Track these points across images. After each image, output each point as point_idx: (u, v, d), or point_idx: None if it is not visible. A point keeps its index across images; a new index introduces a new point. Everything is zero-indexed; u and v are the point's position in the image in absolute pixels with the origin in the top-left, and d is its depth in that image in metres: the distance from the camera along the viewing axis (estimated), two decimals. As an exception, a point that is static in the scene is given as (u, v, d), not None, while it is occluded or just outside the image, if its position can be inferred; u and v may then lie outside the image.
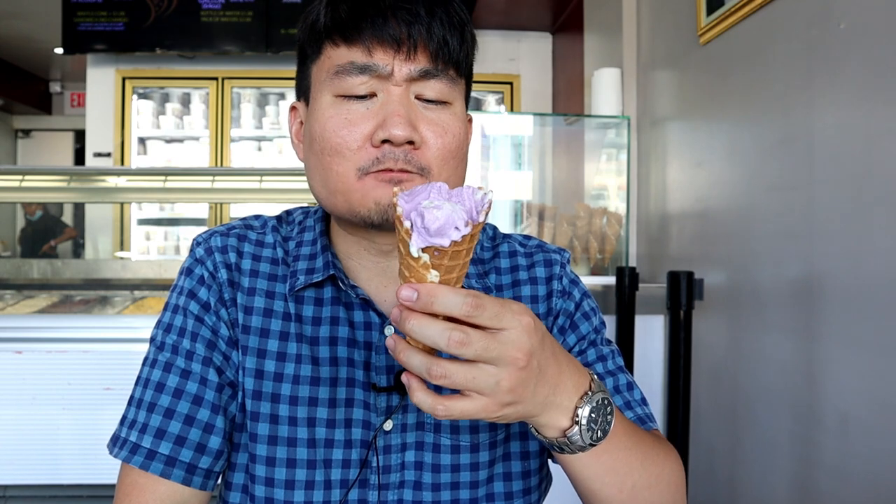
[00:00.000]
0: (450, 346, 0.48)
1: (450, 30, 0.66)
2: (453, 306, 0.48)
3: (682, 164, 1.89)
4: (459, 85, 0.69)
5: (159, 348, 0.70)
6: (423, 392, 0.51)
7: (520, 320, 0.50)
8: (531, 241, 0.82)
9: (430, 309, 0.48)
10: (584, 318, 0.77)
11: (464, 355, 0.48)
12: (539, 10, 3.66)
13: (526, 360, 0.50)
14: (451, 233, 0.48)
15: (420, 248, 0.49)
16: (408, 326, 0.48)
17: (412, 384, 0.51)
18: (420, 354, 0.50)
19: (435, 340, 0.48)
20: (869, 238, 1.14)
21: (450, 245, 0.48)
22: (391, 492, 0.68)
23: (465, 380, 0.49)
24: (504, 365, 0.49)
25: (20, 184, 2.29)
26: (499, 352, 0.49)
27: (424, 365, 0.49)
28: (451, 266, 0.50)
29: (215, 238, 0.73)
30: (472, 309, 0.48)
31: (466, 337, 0.48)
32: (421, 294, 0.48)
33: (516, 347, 0.50)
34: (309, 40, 0.69)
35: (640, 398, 0.75)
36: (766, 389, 1.44)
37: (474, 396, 0.50)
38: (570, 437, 0.56)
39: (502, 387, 0.50)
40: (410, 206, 0.50)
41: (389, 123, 0.63)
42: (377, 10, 0.64)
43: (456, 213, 0.49)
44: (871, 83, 1.13)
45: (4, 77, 6.42)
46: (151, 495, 0.65)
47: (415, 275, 0.50)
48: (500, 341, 0.49)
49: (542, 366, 0.52)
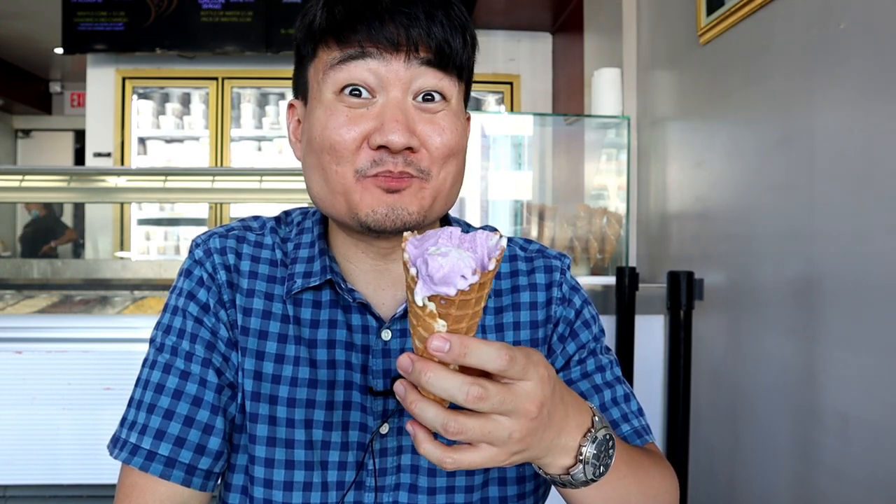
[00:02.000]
0: (468, 401, 0.46)
1: (451, 32, 0.65)
2: (487, 360, 0.46)
3: (682, 164, 1.89)
4: (459, 85, 0.69)
5: (158, 349, 0.70)
6: (430, 444, 0.49)
7: (537, 371, 0.49)
8: (532, 245, 0.81)
9: (463, 361, 0.46)
10: (585, 326, 0.77)
11: (480, 409, 0.47)
12: (539, 10, 3.66)
13: (538, 411, 0.49)
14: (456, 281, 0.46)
15: (425, 297, 0.46)
16: (424, 379, 0.46)
17: (418, 435, 0.50)
18: (434, 408, 0.47)
19: (452, 394, 0.46)
20: (869, 238, 1.14)
21: (456, 294, 0.46)
22: (387, 494, 0.68)
23: (481, 434, 0.48)
24: (517, 417, 0.49)
25: (20, 184, 2.29)
26: (514, 405, 0.48)
27: (440, 420, 0.47)
28: (460, 316, 0.47)
29: (214, 239, 0.73)
30: (507, 363, 0.47)
31: (485, 392, 0.46)
32: (454, 346, 0.46)
33: (530, 399, 0.49)
34: (305, 40, 0.68)
35: (637, 409, 0.75)
36: (766, 389, 1.43)
37: (483, 447, 0.49)
38: (574, 475, 0.56)
39: (513, 438, 0.49)
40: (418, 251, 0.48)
41: (388, 129, 0.62)
42: (374, 13, 0.63)
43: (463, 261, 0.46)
44: (872, 83, 1.13)
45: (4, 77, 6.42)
46: (151, 496, 0.65)
47: (422, 324, 0.47)
48: (516, 394, 0.48)
49: (550, 413, 0.52)
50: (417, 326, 0.48)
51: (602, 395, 0.74)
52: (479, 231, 0.50)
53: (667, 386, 1.79)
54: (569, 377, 0.75)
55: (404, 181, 0.64)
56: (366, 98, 0.65)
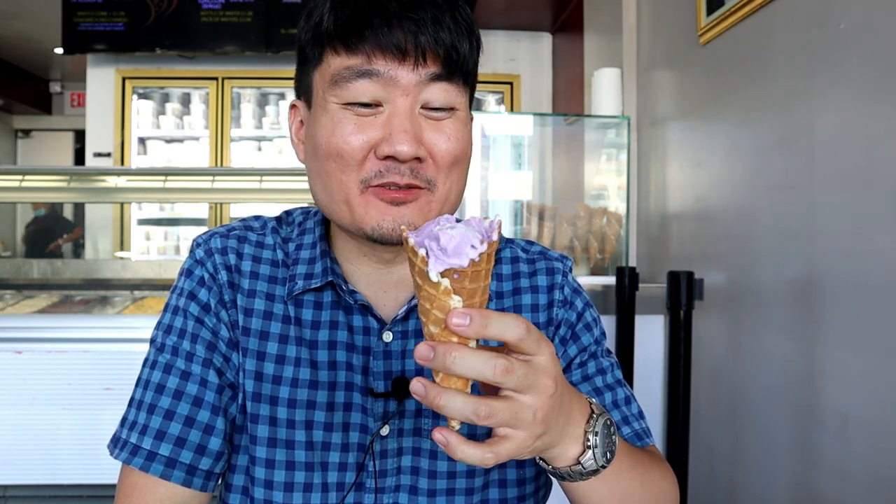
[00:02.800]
0: (496, 374, 0.46)
1: (458, 37, 0.64)
2: (507, 328, 0.46)
3: (682, 164, 1.89)
4: (465, 90, 0.68)
5: (159, 350, 0.70)
6: (466, 445, 0.47)
7: (549, 347, 0.50)
8: (534, 246, 0.81)
9: (485, 332, 0.46)
10: (586, 329, 0.77)
11: (506, 384, 0.47)
12: (539, 10, 3.66)
13: (555, 386, 0.49)
14: (468, 251, 0.47)
15: (439, 273, 0.47)
16: (450, 360, 0.46)
17: (451, 440, 0.47)
18: (461, 396, 0.46)
19: (480, 370, 0.46)
20: (869, 238, 1.14)
21: (469, 265, 0.47)
22: (387, 495, 0.68)
23: (510, 414, 0.47)
24: (538, 393, 0.48)
25: (20, 184, 2.29)
26: (534, 379, 0.48)
27: (470, 407, 0.46)
28: (473, 289, 0.48)
29: (215, 239, 0.73)
30: (525, 332, 0.47)
31: (510, 364, 0.46)
32: (474, 318, 0.46)
33: (547, 374, 0.49)
34: (310, 43, 0.66)
35: (638, 412, 0.76)
36: (766, 389, 1.43)
37: (510, 435, 0.48)
38: (584, 463, 0.56)
39: (538, 417, 0.49)
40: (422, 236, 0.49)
41: (395, 140, 0.61)
42: (382, 18, 0.61)
43: (470, 233, 0.47)
44: (871, 83, 1.13)
45: (4, 77, 6.42)
46: (152, 496, 0.65)
47: (437, 304, 0.47)
48: (535, 368, 0.48)
49: (562, 393, 0.52)
50: (432, 310, 0.48)
51: (603, 398, 0.74)
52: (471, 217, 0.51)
53: (667, 386, 1.79)
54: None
55: (411, 193, 0.64)
56: (373, 108, 0.64)
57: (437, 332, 0.48)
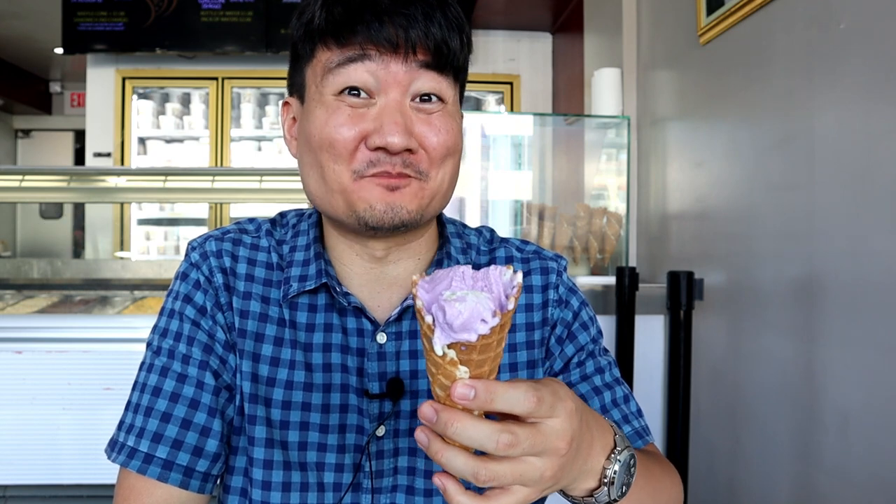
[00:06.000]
0: (499, 448, 0.45)
1: (448, 33, 0.65)
2: (515, 403, 0.45)
3: (682, 164, 1.89)
4: (455, 86, 0.69)
5: (156, 353, 0.70)
6: (463, 496, 0.47)
7: (565, 407, 0.48)
8: (528, 246, 0.81)
9: (490, 407, 0.45)
10: (583, 328, 0.77)
11: (511, 455, 0.46)
12: (539, 10, 3.66)
13: (567, 447, 0.48)
14: (477, 326, 0.44)
15: (444, 346, 0.44)
16: (451, 430, 0.45)
17: (448, 487, 0.48)
18: (463, 456, 0.46)
19: (482, 444, 0.45)
20: (869, 238, 1.13)
21: (477, 340, 0.44)
22: (384, 496, 0.68)
23: (513, 478, 0.47)
24: (548, 456, 0.48)
25: (20, 184, 2.29)
26: (544, 445, 0.47)
27: (470, 469, 0.46)
28: (482, 360, 0.46)
29: (210, 242, 0.73)
30: (535, 405, 0.46)
31: (515, 438, 0.45)
32: (479, 392, 0.45)
33: (560, 437, 0.48)
34: (303, 40, 0.67)
35: (637, 410, 0.76)
36: (766, 389, 1.43)
37: (516, 489, 0.48)
38: (597, 497, 0.55)
39: (545, 476, 0.48)
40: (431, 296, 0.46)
41: (386, 131, 0.62)
42: (373, 14, 0.63)
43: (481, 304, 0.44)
44: (871, 83, 1.13)
45: (4, 77, 6.42)
46: (149, 499, 0.65)
47: (442, 372, 0.46)
48: (545, 434, 0.47)
49: (580, 445, 0.51)
50: (437, 375, 0.46)
51: (602, 397, 0.74)
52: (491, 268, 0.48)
53: (667, 386, 1.79)
54: (568, 379, 0.75)
55: (403, 179, 0.65)
56: (365, 99, 0.65)
57: (442, 395, 0.47)
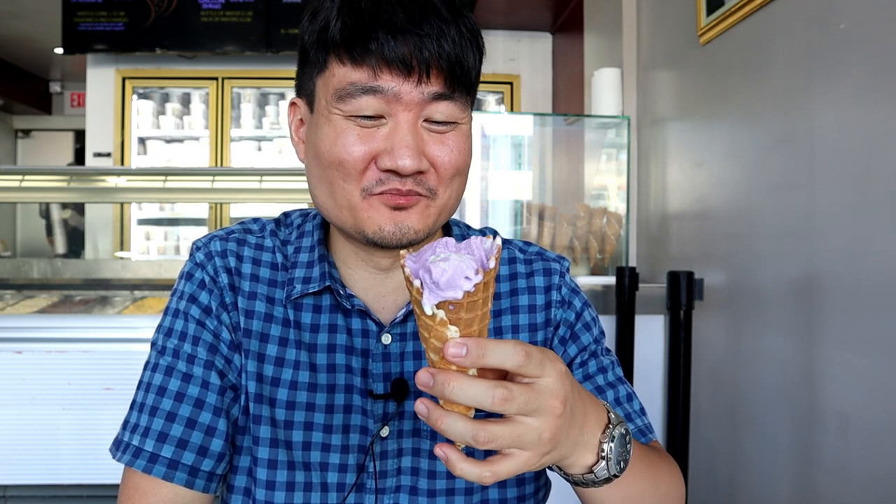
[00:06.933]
0: (495, 404, 0.46)
1: (462, 49, 0.64)
2: (505, 357, 0.47)
3: (682, 164, 1.89)
4: (468, 103, 0.68)
5: (160, 352, 0.70)
6: (465, 463, 0.48)
7: (555, 367, 0.49)
8: (531, 247, 0.81)
9: (482, 362, 0.46)
10: (585, 328, 0.77)
11: (507, 412, 0.47)
12: (539, 10, 3.66)
13: (562, 407, 0.49)
14: (461, 283, 0.47)
15: (433, 305, 0.47)
16: (448, 390, 0.46)
17: (451, 456, 0.49)
18: (462, 420, 0.47)
19: (479, 400, 0.46)
20: (869, 238, 1.14)
21: (463, 297, 0.47)
22: (387, 496, 0.69)
23: (512, 439, 0.48)
24: (543, 415, 0.49)
25: (20, 184, 2.29)
26: (538, 403, 0.48)
27: (470, 432, 0.47)
28: (470, 319, 0.48)
29: (215, 242, 0.73)
30: (524, 358, 0.47)
31: (510, 392, 0.47)
32: (470, 349, 0.46)
33: (553, 395, 0.49)
34: (314, 47, 0.66)
35: (640, 408, 0.76)
36: (766, 389, 1.44)
37: (515, 453, 0.49)
38: (597, 473, 0.56)
39: (543, 438, 0.49)
40: (417, 265, 0.49)
41: (398, 154, 0.62)
42: (387, 30, 0.61)
43: (464, 263, 0.47)
44: (871, 83, 1.13)
45: (4, 77, 6.42)
46: (154, 498, 0.65)
47: (434, 334, 0.48)
48: (539, 391, 0.48)
49: (573, 409, 0.52)
50: (430, 338, 0.48)
51: (605, 396, 0.74)
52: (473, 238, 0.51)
53: (667, 386, 1.79)
54: None
55: (412, 199, 0.64)
56: (375, 120, 0.64)
57: (436, 359, 0.49)
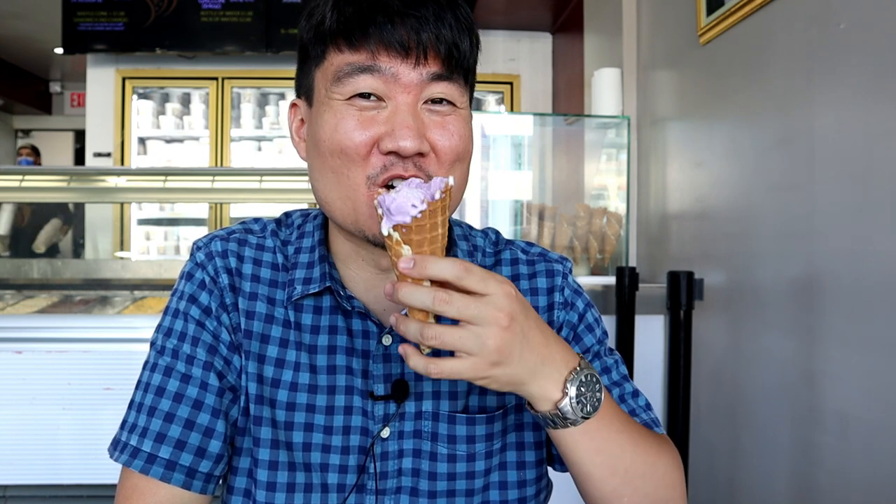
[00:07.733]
0: (435, 303, 0.54)
1: (459, 34, 0.65)
2: (444, 269, 0.55)
3: (682, 164, 1.89)
4: (466, 89, 0.69)
5: (159, 352, 0.70)
6: (416, 356, 0.57)
7: (501, 287, 0.56)
8: (534, 248, 0.81)
9: (425, 273, 0.55)
10: (588, 329, 0.77)
11: (447, 313, 0.54)
12: (539, 10, 3.66)
13: (508, 320, 0.55)
14: (408, 209, 0.56)
15: (390, 228, 0.57)
16: (400, 294, 0.55)
17: (407, 351, 0.57)
18: (415, 322, 0.56)
19: (423, 301, 0.54)
20: (869, 238, 1.14)
21: (411, 221, 0.56)
22: (388, 497, 0.68)
23: (453, 339, 0.55)
24: (487, 324, 0.55)
25: (20, 184, 2.29)
26: (480, 311, 0.55)
27: (418, 329, 0.55)
28: (420, 240, 0.57)
29: (215, 242, 0.73)
30: (462, 272, 0.55)
31: (449, 297, 0.54)
32: (416, 262, 0.55)
33: (497, 308, 0.55)
34: (313, 42, 0.67)
35: (645, 404, 0.76)
36: (766, 389, 1.44)
37: (463, 356, 0.55)
38: (562, 409, 0.60)
39: (488, 346, 0.55)
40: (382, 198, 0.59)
41: (399, 135, 0.62)
42: (385, 16, 0.62)
43: (412, 194, 0.57)
44: (871, 83, 1.13)
45: (4, 77, 6.42)
46: (152, 499, 0.65)
47: (394, 253, 0.58)
48: (481, 302, 0.55)
49: (525, 332, 0.57)
50: (392, 257, 0.58)
51: (611, 395, 0.74)
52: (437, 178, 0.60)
53: (667, 386, 1.79)
54: None
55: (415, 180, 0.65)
56: (375, 102, 0.64)
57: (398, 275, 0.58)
